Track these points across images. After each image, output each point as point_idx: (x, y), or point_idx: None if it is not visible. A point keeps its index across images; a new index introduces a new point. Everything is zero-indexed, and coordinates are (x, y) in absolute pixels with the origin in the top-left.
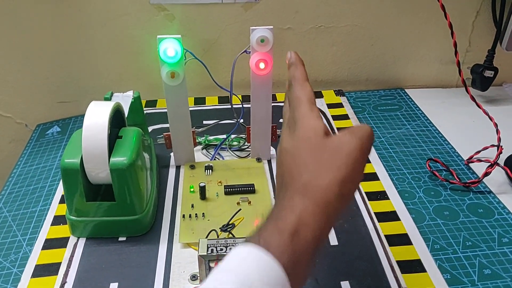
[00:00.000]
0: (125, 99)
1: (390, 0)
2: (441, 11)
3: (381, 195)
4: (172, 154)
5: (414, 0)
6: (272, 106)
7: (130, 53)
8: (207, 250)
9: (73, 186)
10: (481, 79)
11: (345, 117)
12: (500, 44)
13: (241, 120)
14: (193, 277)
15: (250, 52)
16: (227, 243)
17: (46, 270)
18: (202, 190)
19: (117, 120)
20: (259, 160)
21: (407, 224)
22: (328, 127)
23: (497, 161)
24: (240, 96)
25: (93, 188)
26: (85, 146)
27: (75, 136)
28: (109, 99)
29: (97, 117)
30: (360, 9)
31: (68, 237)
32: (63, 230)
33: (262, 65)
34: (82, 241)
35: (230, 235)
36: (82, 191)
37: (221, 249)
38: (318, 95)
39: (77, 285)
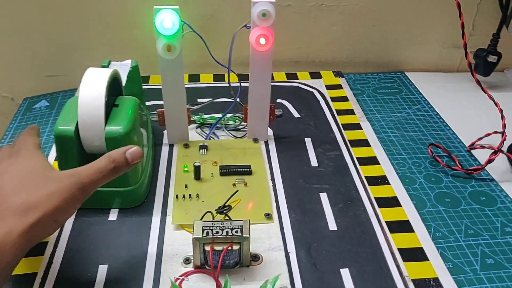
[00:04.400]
0: (123, 68)
1: None
2: None
3: (382, 180)
4: (165, 132)
5: None
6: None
7: (123, 25)
8: (202, 233)
9: (67, 154)
10: (484, 64)
11: (345, 98)
12: (507, 28)
13: (238, 99)
14: (186, 261)
15: (250, 26)
16: (223, 226)
17: (31, 250)
18: (197, 170)
19: (114, 88)
20: (256, 140)
21: (408, 211)
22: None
23: (501, 148)
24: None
25: (86, 157)
26: (81, 113)
27: (70, 103)
28: (106, 67)
29: (94, 83)
30: None
31: None
32: None
33: (262, 41)
34: (70, 219)
35: (226, 218)
36: (76, 160)
37: (217, 232)
38: (317, 75)
39: (64, 267)
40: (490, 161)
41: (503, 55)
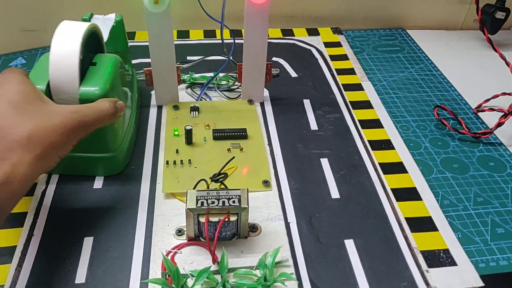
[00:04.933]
0: (106, 23)
1: None
2: None
3: (386, 144)
4: (153, 92)
5: None
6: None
7: None
8: (197, 203)
9: None
10: (491, 20)
11: (345, 57)
12: None
13: (231, 57)
14: (179, 232)
15: None
16: (219, 196)
17: (9, 221)
18: (189, 134)
19: (93, 45)
20: (251, 102)
21: (415, 177)
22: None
23: (511, 111)
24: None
25: None
26: (52, 72)
27: (42, 60)
28: (87, 20)
29: (68, 38)
30: None
31: (35, 183)
32: None
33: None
34: (51, 187)
35: (222, 186)
36: None
37: (213, 202)
38: (314, 32)
39: (46, 239)
40: (499, 124)
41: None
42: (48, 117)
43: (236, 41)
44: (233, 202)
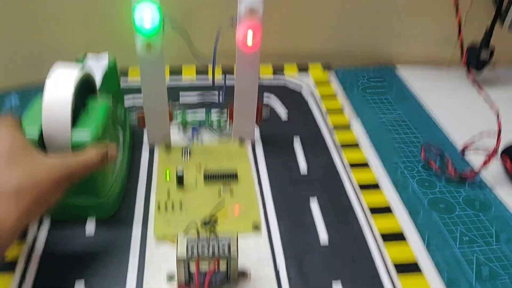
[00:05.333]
0: (99, 64)
1: None
2: None
3: (374, 186)
4: (145, 130)
5: None
6: None
7: (98, 16)
8: (187, 250)
9: None
10: (476, 59)
11: (334, 97)
12: (501, 25)
13: (222, 95)
14: (170, 278)
15: (236, 23)
16: (209, 242)
17: (0, 267)
18: (180, 177)
19: (86, 88)
20: (242, 143)
21: (401, 218)
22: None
23: (496, 153)
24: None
25: None
26: (45, 117)
27: (35, 103)
28: (81, 61)
29: (60, 85)
30: None
31: (26, 229)
32: None
33: (250, 39)
34: (43, 233)
35: (212, 232)
36: None
37: (203, 249)
38: (305, 69)
39: (37, 285)
40: (484, 166)
41: (495, 50)
42: (36, 168)
43: (228, 80)
44: (223, 250)
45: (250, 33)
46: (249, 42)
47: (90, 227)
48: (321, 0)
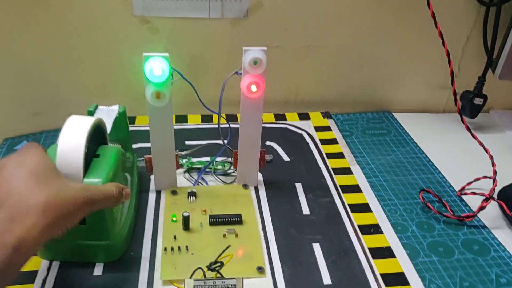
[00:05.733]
0: (109, 114)
1: (381, 21)
2: (433, 35)
3: (375, 229)
4: (152, 177)
5: (405, 22)
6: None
7: (110, 66)
8: None
9: None
10: (470, 106)
11: (334, 141)
12: (493, 72)
13: (227, 143)
14: None
15: (241, 73)
16: (215, 285)
17: None
18: (186, 220)
19: (97, 136)
20: (246, 186)
21: (402, 261)
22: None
23: (492, 195)
24: (224, 115)
25: None
26: (59, 164)
27: (49, 152)
28: (93, 112)
29: (74, 134)
30: (350, 29)
31: (36, 271)
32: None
33: (254, 88)
34: (52, 275)
35: (218, 275)
36: None
37: None
38: (305, 117)
39: None
40: (481, 208)
41: (488, 96)
42: (63, 189)
43: (233, 126)
44: None
45: (254, 79)
46: (254, 89)
47: (99, 269)
48: (319, 52)
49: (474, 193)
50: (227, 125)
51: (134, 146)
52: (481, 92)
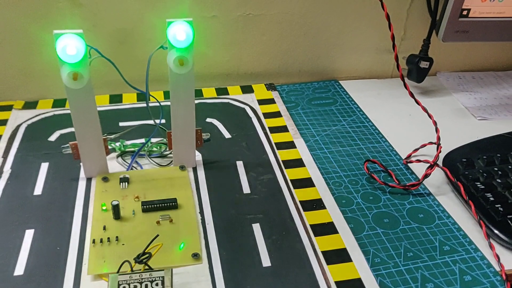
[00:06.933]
0: None
1: None
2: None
3: (317, 204)
4: (81, 164)
5: None
6: (197, 103)
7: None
8: None
9: None
10: (417, 69)
11: (278, 114)
12: (436, 35)
13: (163, 121)
14: None
15: (167, 47)
16: (142, 279)
17: None
18: (116, 209)
19: None
20: (182, 168)
21: (345, 237)
22: None
23: (437, 162)
24: (162, 93)
25: None
26: None
27: None
28: None
29: None
30: None
31: None
32: None
33: (181, 63)
34: None
35: (146, 267)
36: None
37: (135, 286)
38: (248, 89)
39: None
40: (426, 175)
41: (434, 59)
42: None
43: (164, 103)
44: (156, 284)
45: (180, 53)
46: (181, 63)
47: (20, 268)
48: (259, 20)
49: (419, 161)
50: (159, 104)
51: (65, 130)
52: (427, 55)
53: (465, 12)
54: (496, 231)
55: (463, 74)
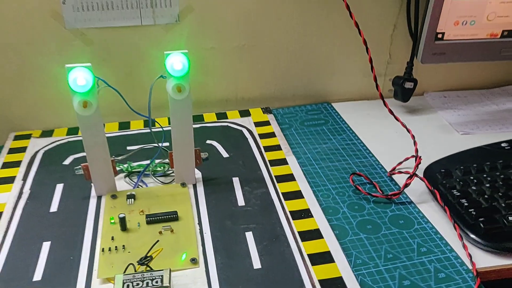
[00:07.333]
0: None
1: (310, 15)
2: (362, 24)
3: (305, 213)
4: (92, 184)
5: (333, 17)
6: (198, 127)
7: (40, 83)
8: (123, 287)
9: None
10: (402, 90)
11: (272, 135)
12: (416, 57)
13: (166, 144)
14: None
15: (166, 76)
16: (144, 277)
17: None
18: (122, 221)
19: None
20: (183, 185)
21: (330, 241)
22: None
23: (416, 172)
24: (166, 119)
25: None
26: None
27: None
28: None
29: None
30: (281, 26)
31: None
32: None
33: (178, 90)
34: None
35: (148, 268)
36: None
37: (137, 284)
38: (246, 113)
39: None
40: (406, 185)
41: (419, 80)
42: None
43: (166, 128)
44: (156, 282)
45: (178, 81)
46: (178, 90)
47: (38, 273)
48: (253, 50)
49: (401, 172)
50: (162, 129)
51: (77, 155)
52: (411, 77)
53: (440, 35)
54: (469, 233)
55: (448, 93)
